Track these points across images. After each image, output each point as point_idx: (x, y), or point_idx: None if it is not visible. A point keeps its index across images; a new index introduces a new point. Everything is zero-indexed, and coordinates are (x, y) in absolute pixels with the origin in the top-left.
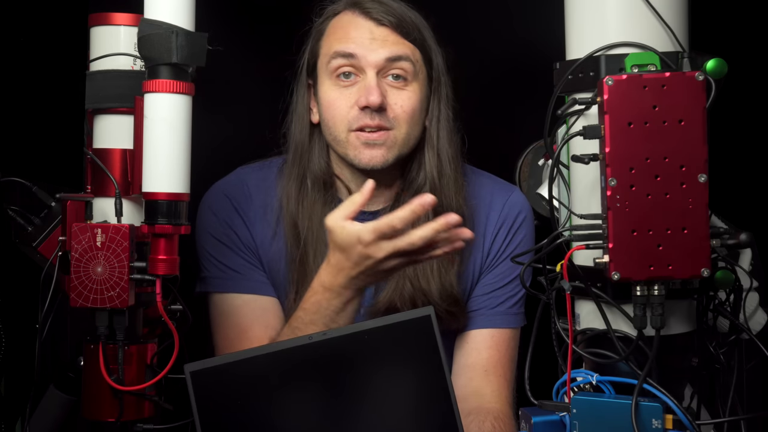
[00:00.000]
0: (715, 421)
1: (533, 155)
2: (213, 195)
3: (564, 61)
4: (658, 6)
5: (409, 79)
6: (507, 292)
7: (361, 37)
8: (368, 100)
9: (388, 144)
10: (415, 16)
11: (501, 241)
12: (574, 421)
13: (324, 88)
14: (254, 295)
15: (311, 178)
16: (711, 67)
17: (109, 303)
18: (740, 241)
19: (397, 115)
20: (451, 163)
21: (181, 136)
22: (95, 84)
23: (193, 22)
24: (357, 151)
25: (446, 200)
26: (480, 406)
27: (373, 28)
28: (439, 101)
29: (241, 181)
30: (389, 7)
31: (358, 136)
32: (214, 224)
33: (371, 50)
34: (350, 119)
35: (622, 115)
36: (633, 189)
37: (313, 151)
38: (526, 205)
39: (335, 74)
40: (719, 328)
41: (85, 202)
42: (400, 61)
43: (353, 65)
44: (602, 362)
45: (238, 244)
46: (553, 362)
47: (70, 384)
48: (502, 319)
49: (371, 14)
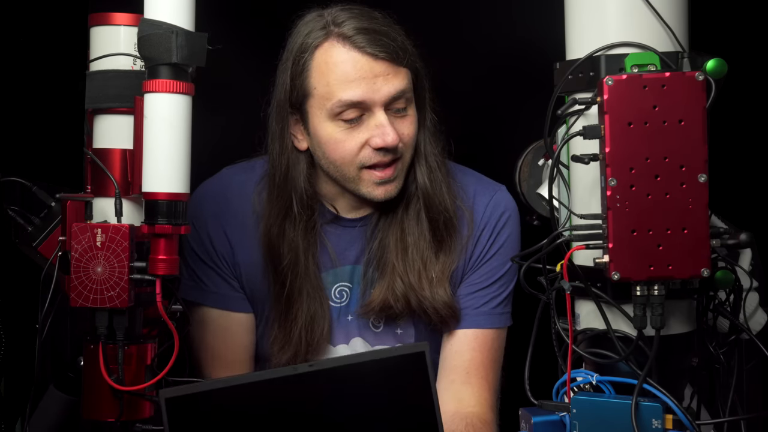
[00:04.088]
0: (715, 421)
1: (533, 155)
2: (194, 202)
3: (564, 61)
4: (658, 6)
5: (408, 106)
6: (492, 292)
7: (363, 78)
8: (385, 141)
9: (399, 175)
10: (398, 32)
11: (485, 242)
12: (574, 421)
13: (325, 128)
14: (220, 311)
15: (298, 205)
16: (711, 67)
17: (108, 303)
18: (740, 241)
19: (405, 143)
20: (440, 168)
21: (181, 136)
22: (95, 84)
23: (193, 22)
24: (370, 189)
25: (441, 204)
26: (457, 410)
27: (372, 64)
28: (425, 108)
29: (223, 186)
30: (377, 34)
31: (371, 173)
32: (192, 233)
33: (376, 90)
34: (362, 158)
35: (622, 115)
36: (633, 189)
37: (299, 177)
38: (510, 203)
39: (339, 118)
40: (719, 328)
41: (85, 202)
42: (402, 96)
43: (360, 108)
44: (602, 362)
45: (212, 256)
46: (553, 362)
47: (70, 384)
48: (486, 319)
49: (365, 49)
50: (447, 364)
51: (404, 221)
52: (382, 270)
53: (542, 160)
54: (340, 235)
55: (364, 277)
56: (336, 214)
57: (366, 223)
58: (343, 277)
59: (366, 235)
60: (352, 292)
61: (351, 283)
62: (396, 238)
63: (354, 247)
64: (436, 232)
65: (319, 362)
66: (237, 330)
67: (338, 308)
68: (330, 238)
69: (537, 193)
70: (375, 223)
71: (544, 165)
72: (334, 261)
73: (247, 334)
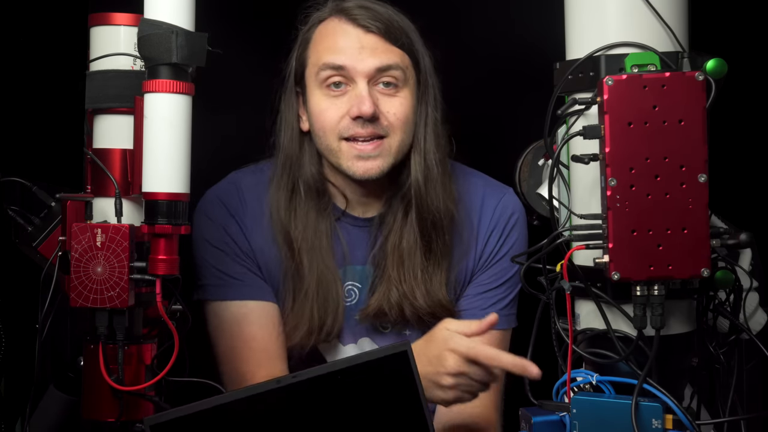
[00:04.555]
0: (715, 421)
1: (533, 155)
2: (207, 201)
3: (564, 61)
4: (658, 6)
5: (400, 85)
6: (500, 294)
7: (350, 47)
8: (360, 110)
9: (383, 154)
10: (403, 19)
11: (494, 244)
12: (574, 421)
13: (314, 98)
14: (257, 302)
15: (303, 187)
16: (711, 67)
17: (108, 303)
18: (740, 241)
19: (391, 122)
20: (438, 167)
21: (181, 136)
22: (95, 84)
23: (193, 22)
24: (350, 163)
25: (433, 204)
26: (461, 411)
27: (361, 36)
28: (427, 105)
29: (235, 187)
30: (376, 12)
31: (351, 146)
32: (211, 231)
33: (360, 60)
34: (341, 128)
35: (622, 115)
36: (633, 189)
37: (304, 158)
38: (518, 206)
39: (325, 84)
40: (719, 328)
41: (85, 202)
42: (390, 70)
43: (343, 75)
44: (602, 362)
45: (235, 250)
46: (553, 362)
47: (70, 384)
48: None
49: (358, 21)
50: None
51: (403, 227)
52: (381, 276)
53: (542, 160)
54: (351, 232)
55: (370, 279)
56: (344, 210)
57: (373, 224)
58: (353, 276)
59: (373, 235)
60: (361, 292)
61: (360, 283)
62: (394, 245)
63: (364, 247)
64: (424, 233)
65: (302, 373)
66: (277, 316)
67: (350, 306)
68: (342, 234)
69: (537, 193)
70: (379, 225)
71: (544, 165)
72: (347, 258)
73: (280, 325)
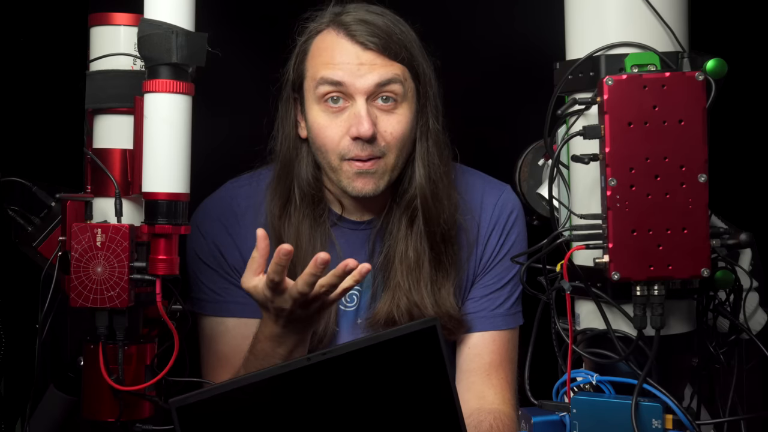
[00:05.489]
0: (715, 421)
1: (533, 155)
2: (202, 215)
3: (564, 61)
4: (658, 6)
5: (399, 100)
6: (506, 293)
7: (348, 63)
8: (359, 131)
9: (379, 172)
10: (402, 31)
11: (495, 243)
12: (574, 421)
13: (312, 111)
14: (236, 319)
15: (299, 194)
16: (711, 67)
17: (108, 303)
18: (740, 241)
19: (388, 142)
20: (442, 179)
21: (181, 136)
22: (95, 84)
23: (193, 22)
24: (349, 180)
25: (441, 217)
26: (481, 407)
27: (359, 52)
28: (428, 116)
29: (230, 199)
30: (374, 26)
31: (351, 165)
32: (202, 246)
33: (359, 77)
34: (342, 149)
35: (622, 115)
36: (633, 189)
37: (301, 165)
38: (516, 202)
39: (323, 100)
40: (719, 328)
41: (85, 202)
42: (389, 84)
43: (341, 91)
44: (602, 362)
45: (223, 266)
46: (553, 362)
47: (70, 384)
48: (502, 321)
49: (356, 38)
50: (466, 367)
51: (408, 237)
52: (387, 284)
53: (542, 160)
54: (348, 236)
55: (373, 284)
56: (340, 215)
57: (370, 227)
58: None
59: (371, 240)
60: (362, 296)
61: (360, 286)
62: (401, 254)
63: (362, 251)
64: (433, 246)
65: (333, 349)
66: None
67: (350, 312)
68: (339, 239)
69: (537, 193)
70: (378, 230)
71: (544, 165)
72: None
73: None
